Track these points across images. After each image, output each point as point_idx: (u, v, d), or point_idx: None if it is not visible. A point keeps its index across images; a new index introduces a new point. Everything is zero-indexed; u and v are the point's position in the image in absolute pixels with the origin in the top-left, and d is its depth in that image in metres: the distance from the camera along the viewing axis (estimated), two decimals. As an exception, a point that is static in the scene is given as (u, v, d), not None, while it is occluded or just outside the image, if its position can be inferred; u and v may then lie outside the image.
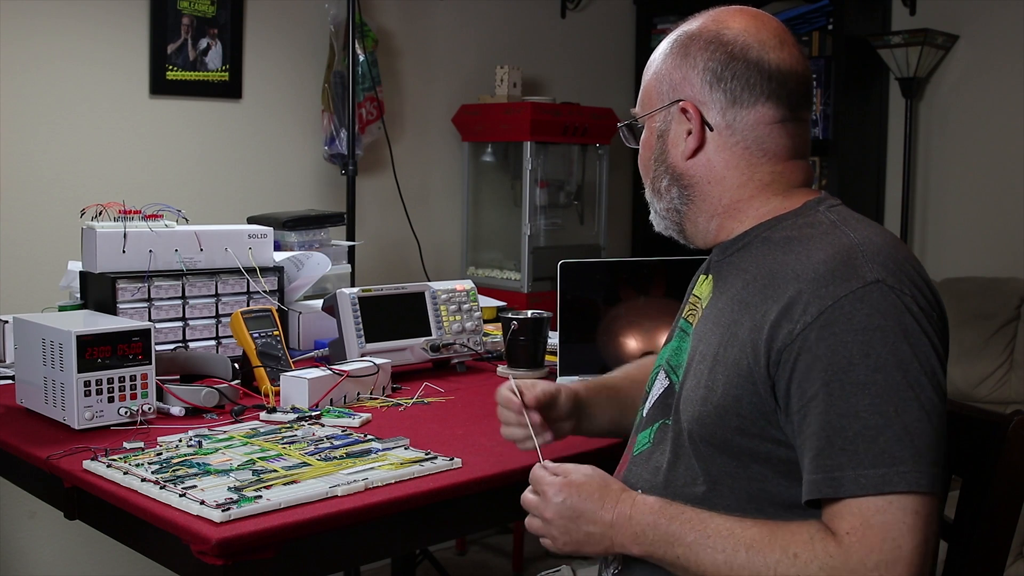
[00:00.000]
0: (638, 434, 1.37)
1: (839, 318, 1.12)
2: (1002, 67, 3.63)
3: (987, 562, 1.34)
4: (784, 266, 1.20)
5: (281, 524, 1.22)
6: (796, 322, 1.14)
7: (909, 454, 1.07)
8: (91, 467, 1.41)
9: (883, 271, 1.14)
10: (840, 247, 1.18)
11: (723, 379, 1.20)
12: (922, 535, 1.07)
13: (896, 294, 1.13)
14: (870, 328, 1.11)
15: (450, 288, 2.11)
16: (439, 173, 3.69)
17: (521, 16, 3.90)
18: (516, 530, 3.52)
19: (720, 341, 1.24)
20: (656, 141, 1.34)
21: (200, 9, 3.01)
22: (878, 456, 1.08)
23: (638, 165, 1.41)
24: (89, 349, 1.59)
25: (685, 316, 1.39)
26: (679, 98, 1.31)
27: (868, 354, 1.10)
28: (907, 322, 1.11)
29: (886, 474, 1.07)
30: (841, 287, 1.13)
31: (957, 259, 3.75)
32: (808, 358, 1.12)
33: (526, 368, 2.04)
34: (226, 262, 2.10)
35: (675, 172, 1.33)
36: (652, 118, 1.35)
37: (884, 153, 3.94)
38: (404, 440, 1.53)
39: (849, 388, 1.10)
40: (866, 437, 1.08)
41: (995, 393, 3.30)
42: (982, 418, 1.38)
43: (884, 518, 1.07)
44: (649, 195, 1.38)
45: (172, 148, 3.01)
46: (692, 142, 1.30)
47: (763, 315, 1.18)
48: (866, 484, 1.07)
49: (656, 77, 1.34)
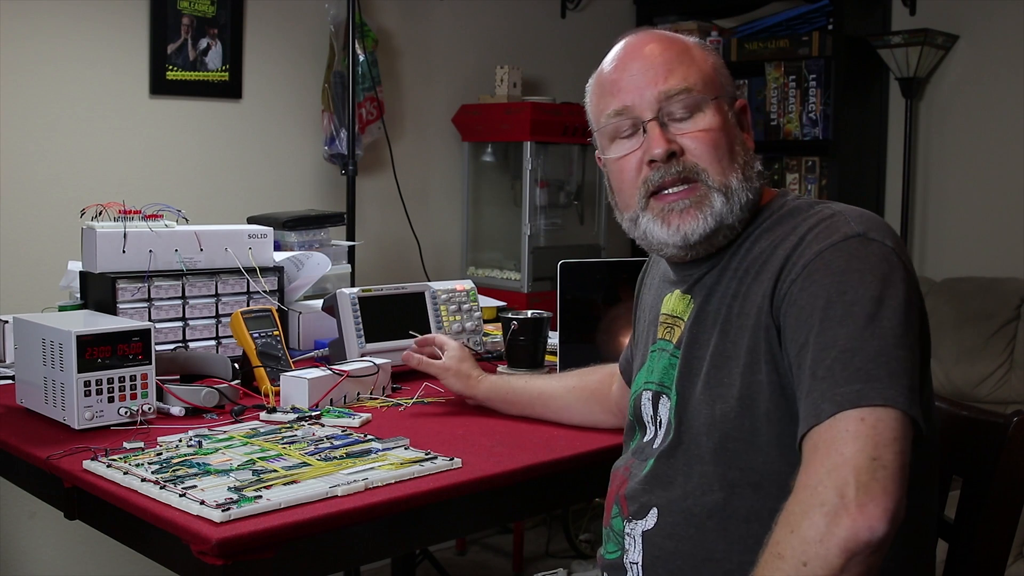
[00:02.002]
0: (646, 460, 1.34)
1: (819, 267, 1.15)
2: (1002, 67, 3.63)
3: (987, 562, 1.34)
4: (771, 246, 1.24)
5: (281, 524, 1.22)
6: (784, 282, 1.18)
7: (884, 373, 1.09)
8: (91, 467, 1.41)
9: (863, 227, 1.18)
10: (822, 216, 1.22)
11: (738, 371, 1.21)
12: (867, 442, 1.05)
13: (877, 244, 1.16)
14: (848, 270, 1.14)
15: (450, 288, 2.11)
16: (439, 173, 3.69)
17: (521, 16, 3.90)
18: (516, 530, 3.52)
19: (721, 339, 1.24)
20: (735, 128, 1.32)
21: (200, 9, 3.01)
22: (853, 374, 1.09)
23: (683, 159, 1.28)
24: (89, 349, 1.59)
25: (662, 336, 1.37)
26: (736, 95, 1.35)
27: (844, 291, 1.13)
28: (884, 267, 1.15)
29: (861, 389, 1.08)
30: (824, 243, 1.17)
31: (957, 259, 3.75)
32: (794, 311, 1.16)
33: (526, 368, 2.03)
34: (226, 262, 2.10)
35: (756, 159, 1.34)
36: (722, 103, 1.31)
37: (884, 153, 3.94)
38: (404, 440, 1.53)
39: (828, 324, 1.12)
40: (842, 360, 1.10)
41: (995, 393, 3.30)
42: (982, 418, 1.38)
43: (828, 435, 1.08)
44: (736, 182, 1.27)
45: (172, 148, 3.01)
46: (751, 140, 1.34)
47: (762, 294, 1.21)
48: (842, 401, 1.08)
49: (715, 65, 1.33)
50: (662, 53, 1.31)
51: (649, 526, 1.28)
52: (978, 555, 1.34)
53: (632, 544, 1.29)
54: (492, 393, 1.76)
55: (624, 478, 1.36)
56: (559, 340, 2.01)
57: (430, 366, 1.79)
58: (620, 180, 1.33)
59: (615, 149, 1.33)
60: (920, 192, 3.87)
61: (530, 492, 1.53)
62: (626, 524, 1.31)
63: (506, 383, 1.77)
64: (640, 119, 1.30)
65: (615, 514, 1.35)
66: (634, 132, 1.31)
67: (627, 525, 1.31)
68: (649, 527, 1.28)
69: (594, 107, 1.37)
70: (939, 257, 3.81)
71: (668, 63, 1.29)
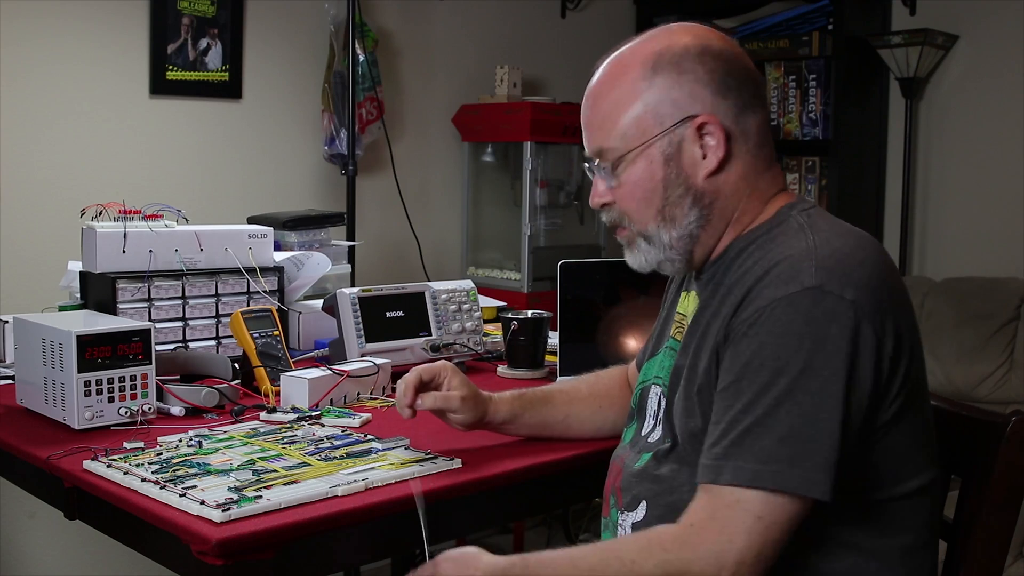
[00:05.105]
0: (640, 453, 1.36)
1: (765, 320, 1.15)
2: (1002, 67, 3.63)
3: (987, 562, 1.35)
4: (746, 272, 1.23)
5: (281, 524, 1.22)
6: (737, 318, 1.19)
7: (787, 455, 1.11)
8: (91, 467, 1.41)
9: (824, 276, 1.14)
10: (794, 250, 1.19)
11: (695, 389, 1.24)
12: (758, 540, 1.10)
13: (833, 300, 1.13)
14: (788, 333, 1.13)
15: (450, 288, 2.11)
16: (439, 173, 3.69)
17: (521, 16, 3.90)
18: (516, 530, 3.52)
19: (695, 353, 1.27)
20: (664, 168, 1.26)
21: (200, 9, 3.01)
22: (759, 452, 1.11)
23: (615, 208, 1.32)
24: (89, 349, 1.59)
25: (673, 334, 1.39)
26: (690, 114, 1.25)
27: (778, 357, 1.13)
28: (831, 330, 1.12)
29: (760, 471, 1.11)
30: (779, 290, 1.15)
31: (957, 259, 3.75)
32: (732, 353, 1.18)
33: (526, 368, 2.04)
34: (226, 262, 2.10)
35: (697, 193, 1.27)
36: (650, 147, 1.26)
37: (884, 153, 3.94)
38: (404, 440, 1.53)
39: (752, 387, 1.14)
40: (754, 433, 1.12)
41: (995, 393, 3.30)
42: (982, 418, 1.38)
43: (729, 514, 1.11)
44: (653, 228, 1.29)
45: (172, 148, 3.01)
46: (715, 157, 1.25)
47: (721, 319, 1.22)
48: (740, 476, 1.11)
49: (644, 103, 1.26)
50: (588, 110, 1.33)
51: (639, 518, 1.30)
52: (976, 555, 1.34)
53: (624, 535, 1.32)
54: (512, 414, 1.56)
55: (620, 468, 1.38)
56: (559, 340, 2.01)
57: (447, 400, 1.50)
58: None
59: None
60: (920, 192, 3.87)
61: (530, 492, 1.54)
62: (619, 515, 1.34)
63: (525, 403, 1.59)
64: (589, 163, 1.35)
65: (612, 504, 1.37)
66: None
67: (620, 516, 1.34)
68: (639, 519, 1.30)
69: None
70: (939, 257, 3.81)
71: (589, 124, 1.33)
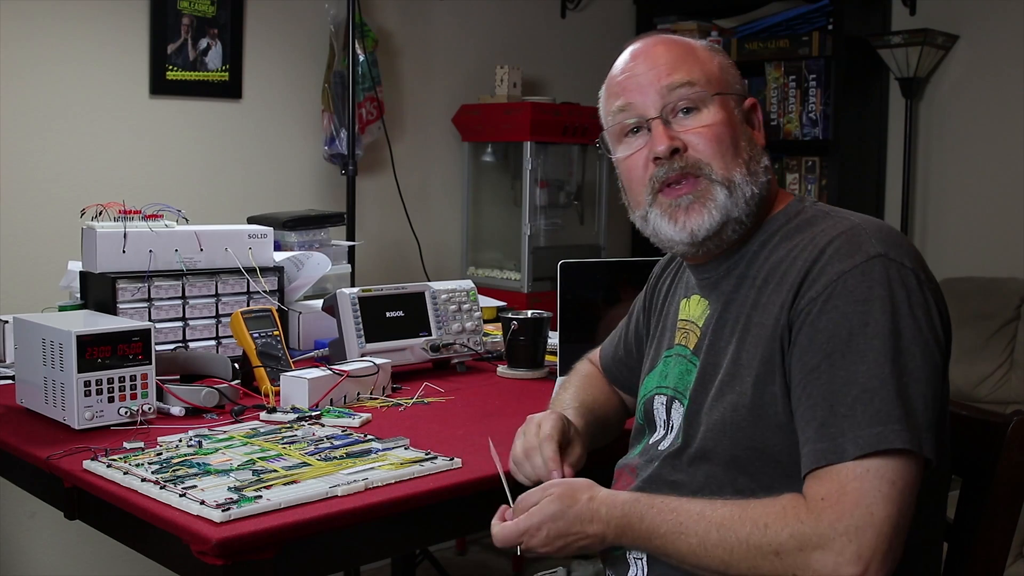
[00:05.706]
0: (651, 462, 1.34)
1: (841, 291, 1.16)
2: (1002, 67, 3.63)
3: (987, 562, 1.34)
4: (790, 256, 1.24)
5: (281, 524, 1.22)
6: (804, 298, 1.18)
7: (901, 413, 1.10)
8: (91, 467, 1.41)
9: (884, 246, 1.18)
10: (843, 228, 1.22)
11: (751, 380, 1.22)
12: (896, 506, 1.08)
13: (896, 267, 1.16)
14: (869, 299, 1.14)
15: (450, 288, 2.11)
16: (439, 173, 3.69)
17: (521, 16, 3.90)
18: (516, 530, 3.51)
19: (738, 347, 1.25)
20: (742, 124, 1.33)
21: (200, 9, 3.01)
22: (874, 416, 1.10)
23: (686, 155, 1.28)
24: (89, 349, 1.59)
25: (679, 342, 1.37)
26: (745, 93, 1.35)
27: (867, 323, 1.13)
28: (903, 295, 1.15)
29: (881, 432, 1.10)
30: (846, 262, 1.17)
31: (957, 259, 3.75)
32: (810, 331, 1.16)
33: (526, 368, 2.04)
34: (226, 262, 2.10)
35: (767, 158, 1.33)
36: (727, 100, 1.32)
37: (884, 153, 3.94)
38: (404, 440, 1.53)
39: (849, 357, 1.13)
40: (863, 400, 1.11)
41: (995, 393, 3.30)
42: (982, 418, 1.38)
43: (860, 484, 1.09)
44: (739, 176, 1.27)
45: (172, 148, 3.01)
46: (763, 136, 1.35)
47: (779, 305, 1.21)
48: (863, 444, 1.10)
49: (720, 63, 1.35)
50: (666, 52, 1.33)
51: None
52: (977, 555, 1.34)
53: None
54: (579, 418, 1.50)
55: (631, 478, 1.37)
56: (559, 340, 2.01)
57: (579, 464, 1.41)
58: (629, 178, 1.36)
59: (623, 148, 1.35)
60: (920, 192, 3.87)
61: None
62: None
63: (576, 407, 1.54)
64: (644, 116, 1.31)
65: None
66: (640, 130, 1.33)
67: None
68: None
69: (603, 109, 1.39)
70: (939, 257, 3.80)
71: (671, 62, 1.32)
